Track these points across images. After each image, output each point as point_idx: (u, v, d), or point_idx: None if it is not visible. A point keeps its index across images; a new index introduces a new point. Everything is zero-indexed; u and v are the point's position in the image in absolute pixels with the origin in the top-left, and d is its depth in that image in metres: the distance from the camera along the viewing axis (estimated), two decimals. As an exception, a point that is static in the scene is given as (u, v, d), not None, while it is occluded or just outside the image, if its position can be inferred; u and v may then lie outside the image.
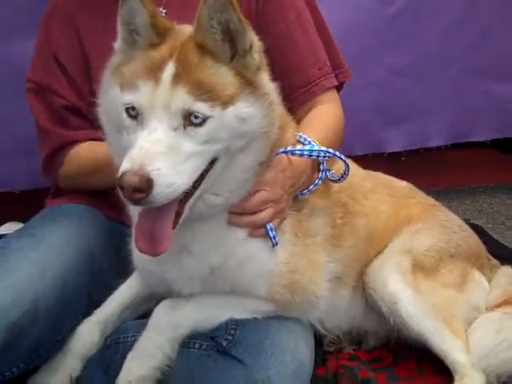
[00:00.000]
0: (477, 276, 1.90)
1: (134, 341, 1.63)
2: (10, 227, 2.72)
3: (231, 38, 1.42)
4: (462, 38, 3.26)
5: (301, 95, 1.97)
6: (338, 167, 1.77)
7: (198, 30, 1.42)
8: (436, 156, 3.45)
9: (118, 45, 1.51)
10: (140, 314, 1.83)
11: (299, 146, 1.67)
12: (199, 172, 1.40)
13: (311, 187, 1.71)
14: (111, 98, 1.46)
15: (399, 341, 1.82)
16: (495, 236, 2.84)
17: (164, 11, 1.95)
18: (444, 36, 3.25)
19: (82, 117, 1.95)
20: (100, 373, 1.68)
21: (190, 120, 1.36)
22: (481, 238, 2.08)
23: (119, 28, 1.49)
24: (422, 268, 1.80)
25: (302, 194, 1.71)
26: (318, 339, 1.81)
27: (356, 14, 3.08)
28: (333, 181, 1.77)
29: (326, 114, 1.95)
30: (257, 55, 1.47)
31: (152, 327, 1.61)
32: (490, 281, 1.94)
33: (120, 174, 1.30)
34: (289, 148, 1.64)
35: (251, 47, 1.45)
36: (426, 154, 3.43)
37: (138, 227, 1.43)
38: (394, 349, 1.88)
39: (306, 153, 1.66)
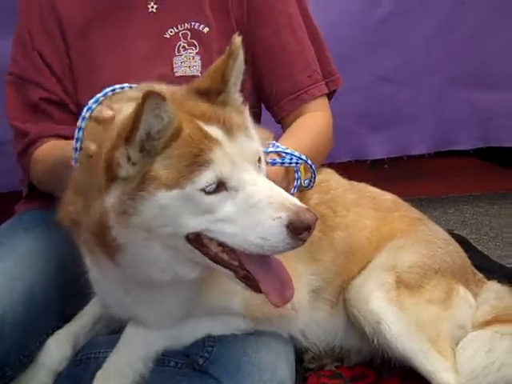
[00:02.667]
0: (462, 292, 1.85)
1: (106, 357, 1.56)
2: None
3: None
4: (446, 46, 3.25)
5: (289, 102, 1.93)
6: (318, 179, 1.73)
7: (222, 88, 1.38)
8: (419, 164, 3.43)
9: (123, 172, 1.27)
10: (114, 327, 1.74)
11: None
12: None
13: None
14: (157, 205, 1.26)
15: (383, 358, 1.76)
16: (479, 247, 2.81)
17: (155, 6, 1.90)
18: (428, 43, 3.23)
19: (68, 111, 1.87)
20: (70, 389, 1.60)
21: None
22: (464, 249, 2.04)
23: (131, 154, 1.26)
24: (406, 285, 1.75)
25: None
26: (299, 356, 1.76)
27: (341, 18, 3.04)
28: (304, 188, 1.71)
29: (311, 123, 1.91)
30: None
31: (124, 344, 1.54)
32: (476, 296, 1.89)
33: (291, 216, 1.22)
34: None
35: None
36: (409, 162, 3.41)
37: (266, 282, 1.32)
38: (377, 366, 1.83)
39: (269, 160, 1.58)
